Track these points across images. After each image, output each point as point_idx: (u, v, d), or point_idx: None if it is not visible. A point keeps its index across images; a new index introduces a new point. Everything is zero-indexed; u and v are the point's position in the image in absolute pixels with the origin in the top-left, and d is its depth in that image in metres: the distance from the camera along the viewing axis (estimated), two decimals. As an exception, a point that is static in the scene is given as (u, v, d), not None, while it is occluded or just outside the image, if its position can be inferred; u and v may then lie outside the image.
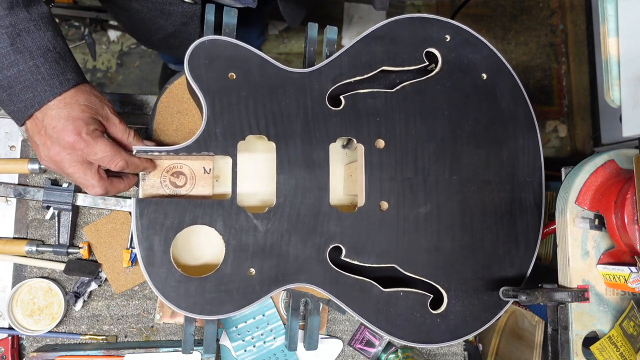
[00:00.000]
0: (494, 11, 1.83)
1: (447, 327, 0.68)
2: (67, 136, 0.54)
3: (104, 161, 0.57)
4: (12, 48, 0.53)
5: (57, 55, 0.56)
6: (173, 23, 0.85)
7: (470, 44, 0.71)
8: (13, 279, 0.75)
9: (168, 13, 0.82)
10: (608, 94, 0.69)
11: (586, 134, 1.78)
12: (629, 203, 0.62)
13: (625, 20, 0.67)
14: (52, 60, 0.55)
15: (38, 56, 0.54)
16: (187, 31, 0.86)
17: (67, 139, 0.54)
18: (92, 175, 0.58)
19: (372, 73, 0.68)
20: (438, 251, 0.68)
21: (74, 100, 0.56)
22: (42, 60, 0.54)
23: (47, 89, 0.55)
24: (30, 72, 0.54)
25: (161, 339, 0.78)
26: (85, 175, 0.57)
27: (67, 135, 0.54)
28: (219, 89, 0.63)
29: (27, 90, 0.54)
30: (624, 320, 0.67)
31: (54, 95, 0.55)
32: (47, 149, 0.56)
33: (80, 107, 0.56)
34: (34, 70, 0.54)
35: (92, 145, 0.56)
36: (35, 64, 0.54)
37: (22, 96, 0.55)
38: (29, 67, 0.54)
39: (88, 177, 0.57)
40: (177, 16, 0.83)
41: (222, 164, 0.70)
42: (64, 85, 0.55)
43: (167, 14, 0.82)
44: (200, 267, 0.68)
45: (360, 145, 0.67)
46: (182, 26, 0.85)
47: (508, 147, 0.72)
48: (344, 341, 0.82)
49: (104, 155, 0.57)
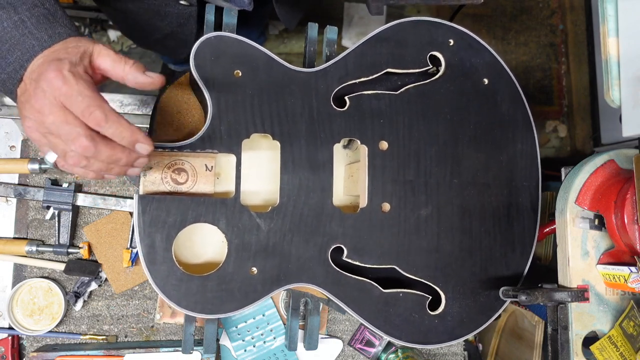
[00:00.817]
0: (494, 11, 1.84)
1: (444, 328, 0.68)
2: (48, 74, 0.47)
3: (79, 106, 0.47)
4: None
5: (46, 10, 0.51)
6: (169, 24, 0.84)
7: (473, 49, 0.72)
8: (13, 279, 0.75)
9: (164, 14, 0.82)
10: (608, 94, 0.69)
11: (586, 134, 1.78)
12: (629, 203, 0.63)
13: (625, 20, 0.68)
14: (39, 15, 0.50)
15: (23, 11, 0.50)
16: (184, 32, 0.86)
17: (48, 76, 0.47)
18: (76, 122, 0.47)
19: (377, 75, 0.68)
20: (437, 253, 0.68)
21: (62, 47, 0.50)
22: (27, 14, 0.50)
23: (35, 43, 0.49)
24: (16, 27, 0.49)
25: (161, 338, 0.78)
26: (67, 124, 0.47)
27: (48, 73, 0.47)
28: (224, 86, 0.63)
29: (14, 49, 0.49)
30: (624, 320, 0.67)
31: (42, 49, 0.49)
32: (29, 98, 0.48)
33: (67, 50, 0.49)
34: (19, 25, 0.49)
35: (71, 83, 0.47)
36: (20, 19, 0.49)
37: (10, 57, 0.49)
38: (14, 22, 0.49)
39: (71, 126, 0.47)
40: (173, 17, 0.82)
41: (223, 162, 0.70)
42: (54, 39, 0.50)
43: (163, 15, 0.82)
44: (201, 266, 0.68)
45: (363, 146, 0.67)
46: (179, 27, 0.85)
47: (507, 152, 0.73)
48: (344, 341, 0.82)
49: (79, 99, 0.46)
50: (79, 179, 0.76)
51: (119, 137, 0.49)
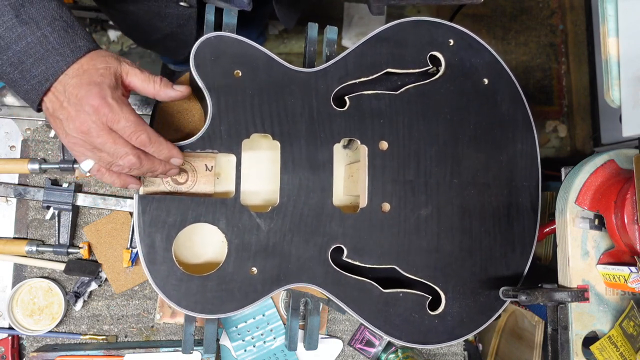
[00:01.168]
0: (493, 11, 1.84)
1: (444, 328, 0.68)
2: (92, 100, 0.51)
3: (126, 131, 0.53)
4: (17, 20, 0.51)
5: (65, 24, 0.53)
6: (169, 25, 0.84)
7: (473, 49, 0.72)
8: (13, 279, 0.75)
9: (164, 15, 0.82)
10: (608, 94, 0.69)
11: (586, 134, 1.78)
12: (629, 203, 0.63)
13: (625, 20, 0.68)
14: (60, 29, 0.52)
15: (45, 26, 0.52)
16: (184, 33, 0.86)
17: (92, 103, 0.51)
18: (124, 143, 0.53)
19: (377, 75, 0.68)
20: (437, 253, 0.68)
21: (92, 65, 0.53)
22: (49, 29, 0.52)
23: (60, 59, 0.52)
24: (40, 43, 0.51)
25: (161, 339, 0.78)
26: (115, 144, 0.53)
27: (91, 99, 0.51)
28: (224, 86, 0.63)
29: (39, 64, 0.52)
30: (624, 320, 0.67)
31: (67, 65, 0.52)
32: (72, 120, 0.52)
33: (99, 72, 0.53)
34: (42, 40, 0.52)
35: (117, 110, 0.52)
36: (43, 34, 0.52)
37: (35, 71, 0.52)
38: (37, 38, 0.51)
39: (119, 146, 0.53)
40: (173, 18, 0.83)
41: (223, 162, 0.70)
42: (76, 53, 0.53)
43: (163, 16, 0.82)
44: (201, 266, 0.68)
45: (363, 146, 0.67)
46: (178, 28, 0.85)
47: (507, 152, 0.73)
48: (344, 341, 0.82)
49: (127, 125, 0.53)
50: (78, 179, 0.76)
51: (159, 154, 0.57)
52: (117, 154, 0.54)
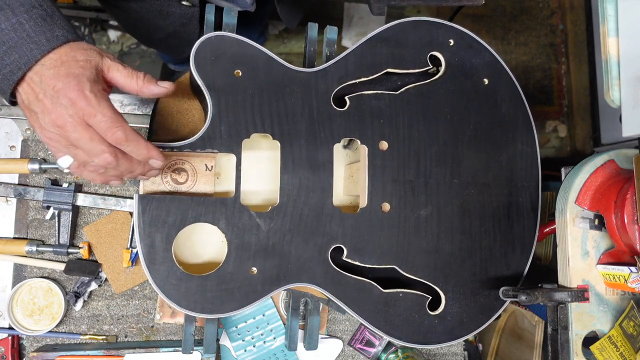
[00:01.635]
0: (493, 11, 1.84)
1: (444, 328, 0.68)
2: (69, 92, 0.49)
3: (102, 126, 0.50)
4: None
5: (44, 12, 0.51)
6: (172, 24, 0.85)
7: (473, 49, 0.72)
8: (13, 279, 0.75)
9: (166, 14, 0.82)
10: (608, 94, 0.69)
11: (586, 134, 1.78)
12: (629, 203, 0.63)
13: (625, 20, 0.67)
14: (37, 16, 0.50)
15: (21, 13, 0.49)
16: (186, 32, 0.86)
17: (69, 95, 0.49)
18: (100, 140, 0.51)
19: (377, 75, 0.68)
20: (437, 253, 0.68)
21: (71, 57, 0.50)
22: (26, 17, 0.49)
23: (34, 47, 0.49)
24: (14, 30, 0.49)
25: (161, 339, 0.78)
26: (91, 141, 0.50)
27: (69, 91, 0.49)
28: (224, 86, 0.63)
29: (12, 52, 0.49)
30: (624, 320, 0.67)
31: (41, 54, 0.49)
32: (48, 113, 0.50)
33: (78, 64, 0.50)
34: (17, 27, 0.49)
35: (94, 104, 0.49)
36: (18, 21, 0.49)
37: (7, 59, 0.49)
38: (12, 25, 0.49)
39: (95, 143, 0.50)
40: (175, 17, 0.83)
41: (223, 162, 0.70)
42: (52, 43, 0.50)
43: (165, 15, 0.82)
44: (201, 265, 0.68)
45: (363, 146, 0.67)
46: (181, 27, 0.85)
47: (507, 152, 0.73)
48: (344, 341, 0.82)
49: (103, 119, 0.50)
50: (78, 179, 0.76)
51: (136, 153, 0.54)
52: (92, 152, 0.51)
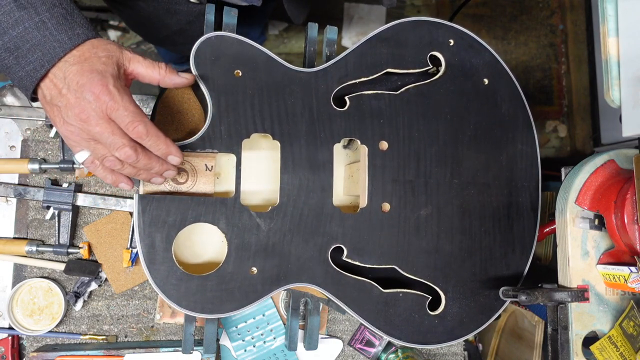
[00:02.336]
0: (493, 11, 1.84)
1: (444, 328, 0.68)
2: (94, 87, 0.50)
3: (124, 120, 0.52)
4: (15, 4, 0.50)
5: (64, 10, 0.52)
6: (179, 21, 0.85)
7: (473, 49, 0.72)
8: (13, 279, 0.75)
9: (174, 12, 0.82)
10: (608, 94, 0.69)
11: (586, 134, 1.78)
12: (629, 203, 0.63)
13: (625, 20, 0.67)
14: (58, 15, 0.52)
15: (43, 11, 0.51)
16: (193, 29, 0.87)
17: (94, 90, 0.50)
18: (121, 134, 0.52)
19: (377, 75, 0.68)
20: (437, 253, 0.68)
21: (93, 53, 0.52)
22: (47, 15, 0.51)
23: (57, 45, 0.51)
24: (37, 28, 0.51)
25: (161, 339, 0.78)
26: (113, 135, 0.52)
27: (93, 87, 0.50)
28: (224, 86, 0.63)
29: (36, 50, 0.51)
30: (624, 320, 0.67)
31: (63, 52, 0.51)
32: (72, 107, 0.51)
33: (101, 60, 0.52)
34: (40, 26, 0.51)
35: (117, 99, 0.51)
36: (41, 20, 0.51)
37: (31, 57, 0.51)
38: (35, 24, 0.51)
39: (117, 137, 0.52)
40: (182, 15, 0.83)
41: (223, 162, 0.70)
42: (74, 40, 0.52)
43: (172, 12, 0.83)
44: (201, 265, 0.68)
45: (363, 146, 0.67)
46: (188, 25, 0.86)
47: (507, 152, 0.73)
48: (344, 341, 0.82)
49: (125, 114, 0.52)
50: (78, 179, 0.76)
51: (156, 148, 0.55)
52: (113, 145, 0.52)
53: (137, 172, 0.56)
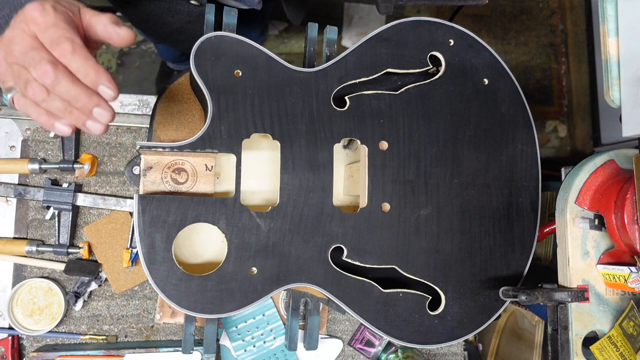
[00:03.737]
0: (493, 11, 1.84)
1: (444, 328, 0.68)
2: (30, 10, 0.46)
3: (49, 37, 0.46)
4: None
5: None
6: (179, 20, 0.86)
7: (473, 49, 0.72)
8: (13, 279, 0.75)
9: (175, 11, 0.83)
10: (608, 94, 0.69)
11: (586, 134, 1.78)
12: (629, 203, 0.63)
13: (625, 20, 0.67)
14: None
15: None
16: (193, 28, 0.88)
17: (28, 8, 0.46)
18: (42, 48, 0.46)
19: (377, 75, 0.68)
20: (437, 253, 0.68)
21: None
22: None
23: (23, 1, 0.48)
24: None
25: (161, 339, 0.78)
26: (32, 49, 0.46)
27: (30, 9, 0.46)
28: (224, 86, 0.63)
29: (4, 7, 0.50)
30: (624, 320, 0.67)
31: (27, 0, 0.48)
32: (5, 33, 0.48)
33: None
34: None
35: (48, 16, 0.46)
36: None
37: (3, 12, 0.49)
38: None
39: (37, 51, 0.46)
40: (183, 15, 0.84)
41: (223, 162, 0.70)
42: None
43: (173, 12, 0.84)
44: (201, 265, 0.68)
45: (363, 146, 0.67)
46: (188, 24, 0.87)
47: (507, 152, 0.73)
48: (344, 341, 0.82)
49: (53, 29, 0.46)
50: (78, 179, 0.76)
51: (83, 74, 0.47)
52: (31, 62, 0.46)
53: (67, 106, 0.48)
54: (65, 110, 0.47)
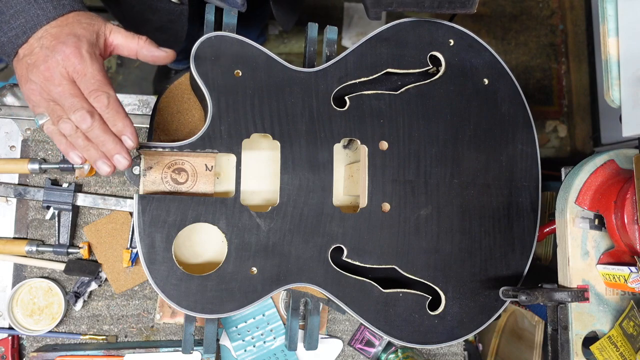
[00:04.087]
0: (493, 11, 1.84)
1: (444, 328, 0.68)
2: (66, 48, 0.50)
3: (88, 87, 0.51)
4: None
5: None
6: (160, 19, 0.85)
7: (473, 49, 0.72)
8: (13, 279, 0.75)
9: (155, 9, 0.83)
10: (608, 94, 0.69)
11: (586, 134, 1.78)
12: (629, 203, 0.63)
13: (625, 20, 0.67)
14: None
15: None
16: (174, 28, 0.87)
17: (65, 50, 0.50)
18: (81, 98, 0.51)
19: (377, 75, 0.68)
20: (437, 253, 0.68)
21: (76, 20, 0.53)
22: None
23: (40, 13, 0.51)
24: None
25: (161, 339, 0.78)
26: (73, 97, 0.51)
27: (65, 47, 0.50)
28: (224, 86, 0.63)
29: (19, 16, 0.51)
30: (624, 320, 0.67)
31: (47, 20, 0.52)
32: (39, 64, 0.51)
33: (82, 25, 0.52)
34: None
35: (87, 64, 0.51)
36: None
37: (14, 22, 0.51)
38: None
39: (76, 99, 0.51)
40: (163, 13, 0.83)
41: (223, 162, 0.70)
42: (58, 10, 0.52)
43: (154, 10, 0.83)
44: (201, 265, 0.68)
45: (363, 146, 0.67)
46: (169, 23, 0.86)
47: (507, 152, 0.73)
48: (344, 341, 0.82)
49: (91, 81, 0.51)
50: (78, 179, 0.76)
51: (112, 123, 0.53)
52: (71, 107, 0.51)
53: (88, 144, 0.53)
54: (84, 147, 0.53)
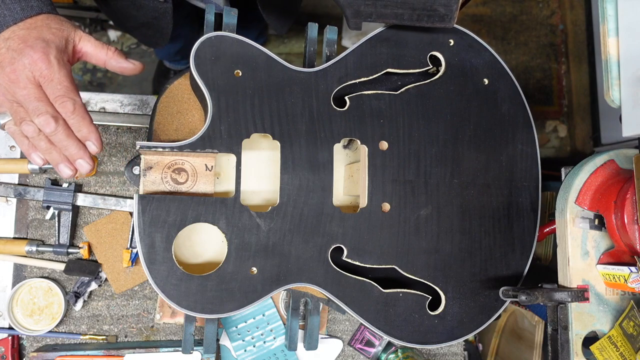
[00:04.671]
0: (493, 11, 1.84)
1: (444, 328, 0.68)
2: (34, 52, 0.50)
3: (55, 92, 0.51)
4: None
5: None
6: (144, 15, 0.86)
7: (473, 49, 0.72)
8: (13, 279, 0.75)
9: (139, 6, 0.83)
10: (608, 94, 0.69)
11: (586, 134, 1.78)
12: (629, 203, 0.63)
13: (625, 20, 0.67)
14: None
15: None
16: (159, 25, 0.87)
17: (32, 55, 0.50)
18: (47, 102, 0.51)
19: (377, 75, 0.68)
20: (437, 253, 0.68)
21: (45, 24, 0.52)
22: None
23: (7, 14, 0.51)
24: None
25: (161, 339, 0.78)
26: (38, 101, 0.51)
27: (33, 51, 0.50)
28: (224, 86, 0.63)
29: None
30: (624, 320, 0.67)
31: (14, 21, 0.51)
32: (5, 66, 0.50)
33: (51, 31, 0.52)
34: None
35: (54, 69, 0.51)
36: None
37: None
38: None
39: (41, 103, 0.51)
40: (147, 10, 0.84)
41: (223, 161, 0.70)
42: (26, 12, 0.52)
43: (138, 6, 0.83)
44: (201, 265, 0.68)
45: (363, 146, 0.67)
46: (154, 19, 0.86)
47: (507, 152, 0.73)
48: (344, 341, 0.82)
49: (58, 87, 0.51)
50: (78, 179, 0.76)
51: (77, 129, 0.53)
52: (35, 111, 0.51)
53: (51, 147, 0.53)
54: (47, 150, 0.53)
